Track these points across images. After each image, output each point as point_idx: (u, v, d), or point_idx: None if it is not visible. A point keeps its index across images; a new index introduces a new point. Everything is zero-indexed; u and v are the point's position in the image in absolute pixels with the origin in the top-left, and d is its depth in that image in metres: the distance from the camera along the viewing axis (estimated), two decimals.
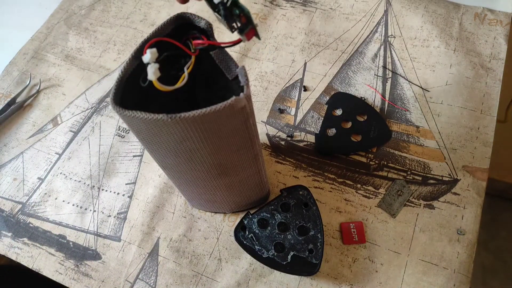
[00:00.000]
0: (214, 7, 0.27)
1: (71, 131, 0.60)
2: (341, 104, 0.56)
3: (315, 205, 0.46)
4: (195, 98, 0.42)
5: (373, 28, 0.63)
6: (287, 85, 0.60)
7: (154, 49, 0.28)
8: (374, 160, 0.52)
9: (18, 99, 0.63)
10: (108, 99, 0.60)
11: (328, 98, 0.57)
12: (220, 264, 0.48)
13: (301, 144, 0.54)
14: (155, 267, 0.49)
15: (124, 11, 0.72)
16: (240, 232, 0.46)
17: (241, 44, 0.64)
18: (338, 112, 0.56)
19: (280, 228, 0.45)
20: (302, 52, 0.62)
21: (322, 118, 0.55)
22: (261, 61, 0.63)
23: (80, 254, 0.51)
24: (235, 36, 0.29)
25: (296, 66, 0.61)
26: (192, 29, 0.35)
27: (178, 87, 0.30)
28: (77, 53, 0.68)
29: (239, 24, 0.27)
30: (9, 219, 0.54)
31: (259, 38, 0.28)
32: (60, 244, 0.52)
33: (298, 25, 0.65)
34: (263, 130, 0.56)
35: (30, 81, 0.65)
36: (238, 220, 0.49)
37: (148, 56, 0.28)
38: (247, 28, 0.27)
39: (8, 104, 0.62)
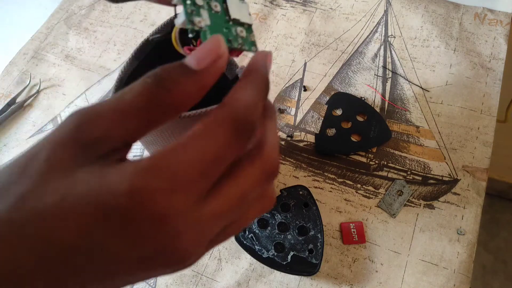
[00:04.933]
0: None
1: None
2: (341, 104, 0.56)
3: (315, 205, 0.46)
4: None
5: (373, 28, 0.63)
6: (287, 85, 0.60)
7: None
8: (374, 160, 0.52)
9: (18, 99, 0.63)
10: None
11: (328, 98, 0.57)
12: (220, 264, 0.48)
13: (301, 144, 0.54)
14: None
15: (124, 11, 0.72)
16: (240, 232, 0.46)
17: None
18: (338, 112, 0.56)
19: (280, 228, 0.45)
20: (302, 52, 0.62)
21: (322, 118, 0.55)
22: None
23: None
24: None
25: (296, 66, 0.61)
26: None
27: None
28: (77, 53, 0.68)
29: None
30: None
31: None
32: None
33: (298, 25, 0.65)
34: None
35: (30, 81, 0.65)
36: None
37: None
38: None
39: (8, 104, 0.62)
